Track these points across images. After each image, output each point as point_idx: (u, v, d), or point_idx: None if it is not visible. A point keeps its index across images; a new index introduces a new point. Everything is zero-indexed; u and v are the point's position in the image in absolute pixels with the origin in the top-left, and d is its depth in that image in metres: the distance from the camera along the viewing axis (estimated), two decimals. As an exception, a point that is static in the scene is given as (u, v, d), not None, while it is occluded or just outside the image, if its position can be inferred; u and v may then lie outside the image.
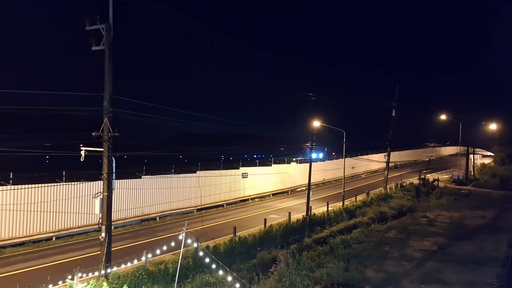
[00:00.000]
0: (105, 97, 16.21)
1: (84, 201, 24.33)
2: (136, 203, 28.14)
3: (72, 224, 24.42)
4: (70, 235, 24.14)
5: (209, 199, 34.45)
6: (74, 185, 23.93)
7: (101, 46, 16.22)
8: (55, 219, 23.56)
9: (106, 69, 16.26)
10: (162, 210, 30.21)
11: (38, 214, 22.65)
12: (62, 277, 14.13)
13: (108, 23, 16.17)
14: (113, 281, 14.15)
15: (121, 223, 26.69)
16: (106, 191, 16.11)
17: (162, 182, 30.03)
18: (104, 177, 16.19)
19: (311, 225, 25.68)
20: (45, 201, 22.92)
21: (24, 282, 15.00)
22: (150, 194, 29.21)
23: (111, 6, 16.40)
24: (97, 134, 16.16)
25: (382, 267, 18.80)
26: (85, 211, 24.16)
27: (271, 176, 43.13)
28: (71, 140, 21.72)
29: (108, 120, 16.14)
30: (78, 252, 20.88)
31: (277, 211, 33.29)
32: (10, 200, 21.53)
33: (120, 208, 26.42)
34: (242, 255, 18.84)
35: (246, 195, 39.57)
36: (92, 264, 15.45)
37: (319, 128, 38.85)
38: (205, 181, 33.31)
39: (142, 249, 17.22)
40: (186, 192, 31.82)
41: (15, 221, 21.96)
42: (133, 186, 27.47)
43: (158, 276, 15.37)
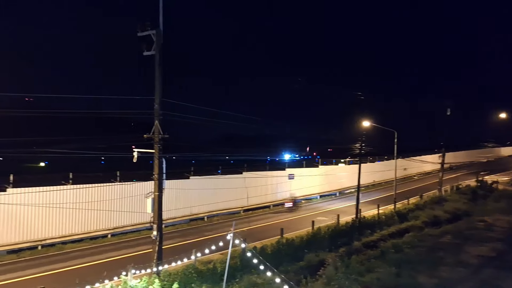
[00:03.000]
0: (156, 100, 16.73)
1: (137, 200, 25.25)
2: (185, 203, 28.82)
3: (126, 222, 25.46)
4: (124, 233, 25.20)
5: (255, 200, 34.62)
6: (127, 185, 24.92)
7: (152, 51, 16.80)
8: (110, 217, 24.67)
9: (157, 73, 16.78)
10: (209, 210, 30.74)
11: (94, 212, 23.82)
12: (117, 273, 14.70)
13: (159, 29, 16.69)
14: (164, 278, 14.55)
15: (171, 222, 27.43)
16: (157, 191, 16.65)
17: (209, 183, 30.56)
18: (155, 178, 16.74)
19: (361, 228, 25.08)
20: (101, 200, 24.06)
21: (82, 276, 15.78)
22: (198, 195, 29.80)
23: (161, 12, 16.92)
24: (148, 136, 16.73)
25: (436, 273, 18.00)
26: (137, 210, 25.06)
27: (318, 177, 42.64)
28: (124, 142, 22.66)
29: (159, 122, 16.69)
30: (131, 249, 21.72)
31: (324, 213, 32.83)
32: (70, 199, 22.79)
33: (169, 207, 27.16)
34: (289, 257, 18.70)
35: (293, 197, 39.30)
36: (144, 261, 15.97)
37: (368, 128, 37.88)
38: (252, 182, 33.51)
39: (191, 248, 17.58)
40: (232, 193, 32.16)
41: (74, 218, 23.24)
42: (182, 186, 28.15)
43: (207, 275, 15.62)
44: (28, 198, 21.10)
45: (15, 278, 17.35)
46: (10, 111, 21.95)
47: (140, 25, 16.76)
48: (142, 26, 16.74)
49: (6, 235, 20.87)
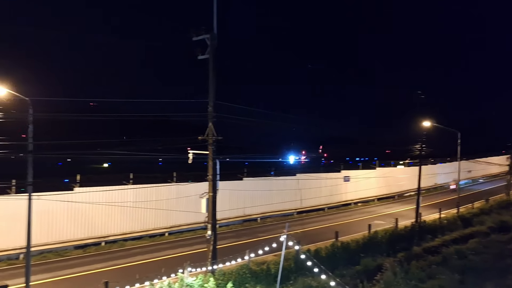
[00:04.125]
0: (210, 103, 17.08)
1: (192, 200, 25.81)
2: (238, 204, 29.11)
3: (182, 222, 26.18)
4: (180, 232, 25.94)
5: (309, 202, 34.24)
6: (183, 185, 25.64)
7: (206, 55, 17.17)
8: (167, 216, 25.49)
9: (211, 77, 17.12)
10: (263, 212, 30.83)
11: (153, 211, 24.73)
12: (174, 270, 15.15)
13: (213, 33, 17.02)
14: (219, 278, 14.76)
15: (224, 223, 27.82)
16: (211, 192, 16.96)
17: (262, 184, 30.64)
18: (209, 179, 17.07)
19: (421, 232, 24.00)
20: (159, 199, 24.93)
21: (142, 272, 16.42)
22: (251, 196, 29.98)
23: (215, 16, 17.26)
24: (202, 138, 17.11)
25: (504, 281, 16.75)
26: (192, 210, 25.62)
27: (375, 180, 41.35)
28: (180, 144, 23.34)
29: (212, 124, 17.01)
30: (187, 248, 22.29)
31: (382, 217, 31.78)
32: (130, 198, 23.83)
33: (223, 208, 27.48)
34: (344, 261, 18.28)
35: (349, 199, 38.49)
36: (199, 259, 16.31)
37: (429, 128, 36.16)
38: (306, 184, 33.18)
39: (244, 249, 17.70)
40: (286, 194, 32.03)
41: (134, 217, 24.28)
42: (235, 187, 28.44)
43: (261, 276, 15.64)
44: (93, 197, 22.29)
45: (82, 272, 18.42)
46: (77, 115, 23.37)
47: (194, 30, 17.18)
48: (196, 31, 17.16)
49: (74, 232, 22.20)
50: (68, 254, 21.24)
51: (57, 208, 21.38)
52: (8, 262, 19.48)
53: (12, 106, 16.38)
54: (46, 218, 21.05)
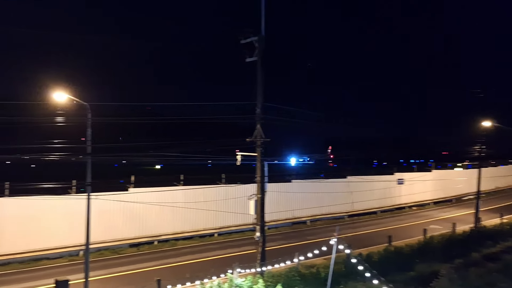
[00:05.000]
0: (258, 105, 17.14)
1: (240, 202, 26.04)
2: (287, 206, 28.95)
3: (230, 223, 26.46)
4: (229, 233, 26.21)
5: (361, 205, 33.38)
6: (231, 187, 25.92)
7: (254, 57, 17.25)
8: (216, 217, 25.85)
9: (259, 79, 17.18)
10: (312, 214, 30.45)
11: (202, 212, 25.17)
12: (223, 270, 15.34)
13: (261, 35, 17.09)
14: (268, 279, 14.74)
15: (273, 225, 27.75)
16: (259, 193, 16.99)
17: (311, 186, 30.28)
18: (257, 180, 17.11)
19: (480, 238, 22.68)
20: (208, 200, 25.35)
21: (192, 271, 16.76)
22: (300, 198, 29.70)
23: (263, 19, 17.30)
24: (250, 139, 17.19)
25: None
26: (241, 211, 25.85)
27: (430, 182, 39.59)
28: (228, 146, 23.64)
29: (261, 126, 17.05)
30: (235, 249, 22.47)
31: (438, 222, 30.37)
32: (181, 199, 24.40)
33: (272, 210, 27.47)
34: (397, 266, 17.64)
35: (402, 203, 37.15)
36: (247, 261, 16.38)
37: (490, 129, 34.05)
38: (357, 187, 32.41)
39: (293, 251, 17.56)
40: (336, 197, 31.44)
41: (184, 217, 24.85)
42: (284, 189, 28.31)
43: (310, 279, 15.45)
44: (146, 197, 23.05)
45: (136, 269, 19.13)
46: (131, 119, 24.34)
47: (243, 33, 17.33)
48: (245, 33, 17.29)
49: (128, 230, 23.08)
50: (123, 252, 22.13)
51: (113, 208, 22.31)
52: (69, 258, 20.60)
53: (73, 110, 17.36)
54: (103, 217, 22.04)
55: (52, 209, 20.70)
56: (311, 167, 38.80)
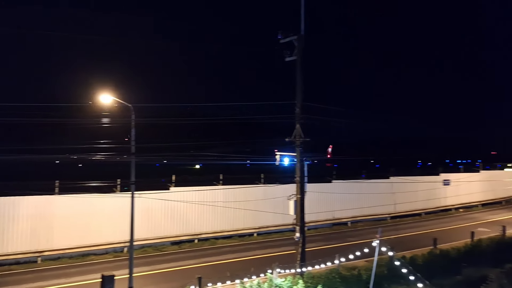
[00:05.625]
0: (297, 104, 17.04)
1: (279, 202, 25.93)
2: (327, 207, 28.58)
3: (269, 223, 26.45)
4: (268, 233, 26.23)
5: (404, 206, 32.46)
6: (270, 187, 25.91)
7: (293, 57, 17.17)
8: (255, 217, 25.92)
9: (298, 78, 17.09)
10: (353, 216, 29.91)
11: (241, 212, 25.33)
12: (263, 270, 15.35)
13: (300, 34, 16.99)
14: (307, 280, 14.61)
15: (313, 226, 27.47)
16: (299, 194, 16.87)
17: (352, 187, 29.73)
18: (297, 180, 17.00)
19: (534, 243, 21.42)
20: (247, 200, 25.46)
21: (232, 270, 16.90)
22: (341, 199, 29.24)
23: (302, 18, 17.20)
24: (289, 139, 17.11)
25: None
26: (280, 211, 25.76)
27: (478, 183, 37.88)
28: (267, 146, 23.64)
29: (300, 126, 16.94)
30: (275, 249, 22.42)
31: (486, 224, 29.01)
32: (220, 198, 24.68)
33: (311, 210, 27.12)
34: (443, 270, 17.02)
35: (448, 205, 35.81)
36: (287, 261, 16.30)
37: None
38: (400, 188, 31.51)
39: (333, 253, 17.33)
40: (378, 198, 30.71)
41: (224, 216, 25.10)
42: (324, 190, 27.97)
43: (351, 281, 15.16)
44: (187, 196, 23.48)
45: (177, 266, 19.52)
46: (176, 119, 24.89)
47: (282, 32, 17.30)
48: (284, 33, 17.27)
49: (170, 228, 23.60)
50: (165, 249, 22.66)
51: (156, 206, 22.88)
52: (114, 255, 21.34)
53: (117, 112, 17.98)
54: (146, 215, 22.66)
55: (98, 207, 21.51)
56: (315, 168, 37.92)
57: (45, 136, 43.20)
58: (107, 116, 18.25)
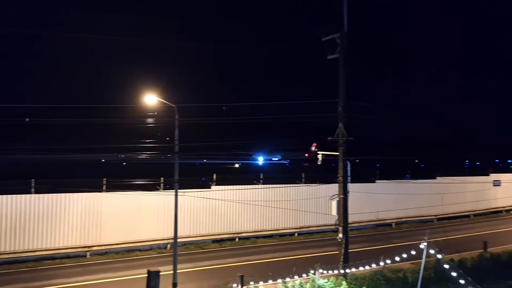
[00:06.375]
0: (340, 103, 16.75)
1: (321, 202, 25.71)
2: (371, 208, 27.94)
3: (311, 223, 26.22)
4: (310, 233, 26.00)
5: (451, 208, 31.27)
6: (312, 186, 25.66)
7: (336, 55, 16.88)
8: (296, 216, 25.79)
9: (341, 76, 16.79)
10: (398, 217, 29.12)
11: (282, 211, 25.27)
12: (304, 270, 15.23)
13: (343, 31, 16.68)
14: (351, 282, 14.36)
15: (355, 226, 26.96)
16: (341, 194, 16.58)
17: (397, 187, 28.89)
18: (340, 180, 16.71)
19: None
20: (288, 199, 25.36)
21: (272, 270, 16.83)
22: (385, 200, 28.50)
23: (345, 15, 16.89)
24: (332, 139, 16.83)
25: None
26: (321, 211, 25.51)
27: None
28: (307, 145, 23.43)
29: (343, 125, 16.63)
30: (316, 249, 22.19)
31: (542, 227, 27.38)
32: (261, 197, 24.70)
33: (354, 211, 26.57)
34: (494, 274, 16.26)
35: (499, 206, 34.11)
36: (329, 262, 16.08)
37: None
38: (447, 188, 30.32)
39: (377, 254, 16.94)
40: (424, 199, 29.71)
41: (264, 215, 25.13)
42: (367, 190, 27.36)
43: (396, 284, 14.77)
44: (227, 194, 23.68)
45: (219, 264, 19.74)
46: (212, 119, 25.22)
47: (324, 30, 17.06)
48: (326, 30, 17.01)
49: (211, 226, 23.91)
50: (206, 246, 22.98)
51: (197, 204, 23.23)
52: (157, 251, 21.89)
53: (161, 112, 18.42)
54: (188, 213, 23.08)
55: (143, 204, 22.14)
56: (357, 167, 36.76)
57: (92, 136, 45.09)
58: (152, 116, 18.72)
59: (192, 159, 34.86)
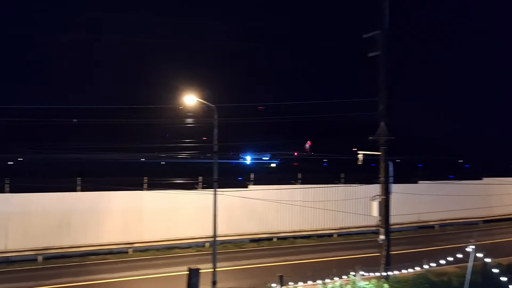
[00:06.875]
0: (380, 102, 16.40)
1: (360, 202, 25.17)
2: (413, 209, 27.12)
3: (350, 224, 25.77)
4: (349, 234, 25.58)
5: (499, 210, 29.85)
6: (352, 187, 25.23)
7: (377, 52, 16.54)
8: (335, 217, 25.41)
9: (381, 74, 16.44)
10: (441, 219, 28.13)
11: (321, 212, 24.97)
12: (344, 271, 14.98)
13: (384, 28, 16.33)
14: (393, 284, 14.03)
15: (397, 228, 26.27)
16: (383, 195, 16.21)
17: (440, 188, 27.91)
18: (381, 181, 16.34)
19: None
20: (326, 200, 25.03)
21: (312, 270, 16.65)
22: (427, 201, 27.60)
23: (386, 11, 16.51)
24: (373, 138, 16.48)
25: None
26: (361, 212, 25.00)
27: None
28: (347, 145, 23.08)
29: (385, 124, 16.26)
30: (356, 251, 21.79)
31: None
32: (299, 197, 24.52)
33: (396, 212, 25.92)
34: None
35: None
36: (369, 264, 15.72)
37: None
38: (495, 190, 28.99)
39: (419, 257, 16.45)
40: (469, 200, 28.51)
41: (302, 216, 24.92)
42: (409, 191, 26.58)
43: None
44: (265, 194, 23.61)
45: (257, 264, 19.83)
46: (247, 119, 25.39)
47: (365, 27, 16.80)
48: (367, 28, 16.74)
49: (248, 226, 23.99)
50: (244, 246, 23.09)
51: (235, 204, 23.30)
52: (196, 249, 22.23)
53: (201, 112, 18.71)
54: (226, 212, 23.18)
55: (182, 202, 22.53)
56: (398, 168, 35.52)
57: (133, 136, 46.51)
58: (191, 116, 19.04)
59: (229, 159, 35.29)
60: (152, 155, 22.65)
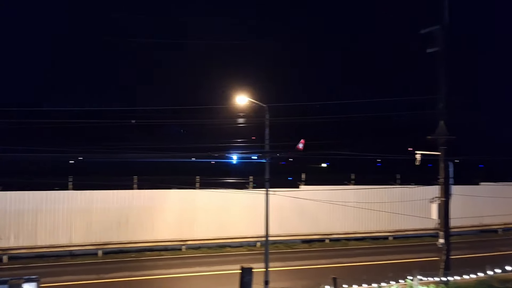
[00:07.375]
0: (441, 100, 15.71)
1: (417, 204, 24.15)
2: (474, 212, 25.70)
3: (406, 226, 24.83)
4: (405, 237, 24.72)
5: None
6: (408, 188, 24.33)
7: (435, 48, 15.86)
8: (390, 219, 24.57)
9: (441, 71, 15.78)
10: (505, 222, 26.44)
11: (375, 213, 24.23)
12: (400, 275, 14.48)
13: (443, 23, 15.64)
14: (453, 290, 13.36)
15: (456, 232, 24.89)
16: (443, 197, 15.51)
17: (504, 190, 26.20)
18: (441, 182, 15.65)
19: None
20: (381, 201, 24.27)
21: (366, 273, 16.26)
22: (490, 204, 26.00)
23: (446, 5, 15.78)
24: (432, 137, 15.81)
25: None
26: (418, 215, 24.02)
27: None
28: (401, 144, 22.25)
29: (444, 123, 15.58)
30: (413, 255, 21.00)
31: None
32: (352, 198, 23.96)
33: (455, 215, 24.64)
34: None
35: None
36: (427, 268, 15.12)
37: None
38: None
39: (480, 262, 15.61)
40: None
41: (356, 217, 24.35)
42: (470, 193, 25.19)
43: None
44: (316, 195, 23.24)
45: (309, 265, 19.59)
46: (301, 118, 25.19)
47: (424, 22, 16.19)
48: (426, 23, 16.12)
49: (300, 227, 23.78)
50: (295, 246, 22.97)
51: (286, 204, 23.13)
52: (247, 248, 22.40)
53: (252, 112, 18.84)
54: (277, 212, 23.06)
55: (233, 202, 22.76)
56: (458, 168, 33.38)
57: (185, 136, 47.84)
58: (243, 116, 19.21)
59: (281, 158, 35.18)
60: (204, 154, 23.10)
